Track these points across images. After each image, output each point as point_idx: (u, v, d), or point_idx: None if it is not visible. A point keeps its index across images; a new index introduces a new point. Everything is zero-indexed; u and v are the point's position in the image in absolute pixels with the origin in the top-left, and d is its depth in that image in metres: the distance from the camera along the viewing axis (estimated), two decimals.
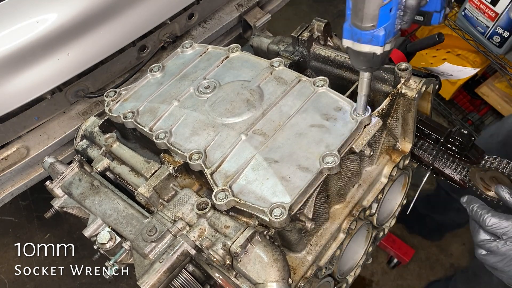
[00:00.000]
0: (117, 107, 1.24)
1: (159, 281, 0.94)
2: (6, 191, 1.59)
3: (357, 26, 0.86)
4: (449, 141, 1.25)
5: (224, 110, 1.14)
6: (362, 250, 1.40)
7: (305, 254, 1.13)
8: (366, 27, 0.84)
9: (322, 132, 1.05)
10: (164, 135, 1.11)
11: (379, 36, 0.84)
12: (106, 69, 1.66)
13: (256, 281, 0.92)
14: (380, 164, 1.24)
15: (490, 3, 2.10)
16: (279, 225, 0.92)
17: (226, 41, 2.01)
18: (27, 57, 1.41)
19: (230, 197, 0.97)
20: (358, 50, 0.88)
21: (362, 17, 0.83)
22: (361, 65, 0.93)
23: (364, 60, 0.90)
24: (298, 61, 1.33)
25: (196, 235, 0.98)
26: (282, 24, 3.43)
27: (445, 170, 1.34)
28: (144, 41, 1.70)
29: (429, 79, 1.17)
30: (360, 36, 0.86)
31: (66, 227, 2.57)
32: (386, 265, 2.40)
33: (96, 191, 1.14)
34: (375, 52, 0.87)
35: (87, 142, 1.31)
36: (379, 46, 0.86)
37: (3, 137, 1.56)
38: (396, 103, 1.16)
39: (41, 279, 2.42)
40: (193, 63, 1.31)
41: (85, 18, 1.47)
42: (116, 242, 1.07)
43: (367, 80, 0.97)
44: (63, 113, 1.66)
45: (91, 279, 2.39)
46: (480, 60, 2.54)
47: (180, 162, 1.10)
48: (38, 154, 1.57)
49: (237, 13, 1.94)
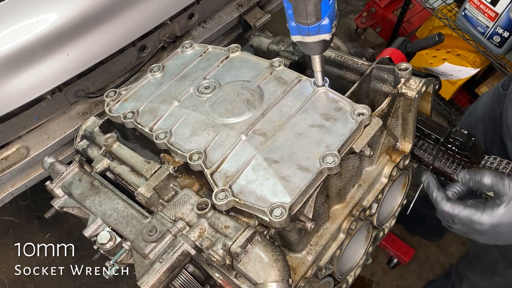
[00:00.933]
0: (117, 107, 1.24)
1: (159, 281, 0.94)
2: (6, 191, 1.59)
3: (303, 24, 0.91)
4: (449, 141, 1.25)
5: (224, 110, 1.14)
6: (362, 250, 1.40)
7: (305, 254, 1.13)
8: (312, 22, 0.90)
9: (322, 132, 1.05)
10: (164, 135, 1.11)
11: (325, 26, 0.91)
12: (106, 69, 1.66)
13: (256, 281, 0.92)
14: (380, 164, 1.24)
15: (490, 3, 2.10)
16: (279, 225, 0.92)
17: (226, 41, 2.01)
18: (27, 57, 1.41)
19: (230, 197, 0.97)
20: (308, 42, 0.95)
21: (306, 15, 0.89)
22: (313, 52, 1.00)
23: (316, 48, 0.97)
24: (298, 61, 1.33)
25: (196, 235, 0.98)
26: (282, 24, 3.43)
27: (445, 170, 1.34)
28: (144, 41, 1.70)
29: (429, 79, 1.17)
30: (308, 31, 0.92)
31: (66, 227, 2.57)
32: (386, 265, 2.40)
33: (96, 191, 1.14)
34: (324, 39, 0.94)
35: (87, 142, 1.31)
36: (327, 33, 0.92)
37: (3, 137, 1.56)
38: (396, 103, 1.16)
39: (41, 279, 2.42)
40: (193, 63, 1.31)
41: (85, 18, 1.47)
42: (116, 242, 1.07)
43: (320, 60, 1.04)
44: (63, 113, 1.66)
45: (91, 279, 2.39)
46: (480, 60, 2.54)
47: (180, 162, 1.10)
48: (38, 154, 1.57)
49: (237, 13, 1.94)
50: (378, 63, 1.21)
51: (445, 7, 2.49)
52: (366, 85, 1.22)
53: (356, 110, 1.06)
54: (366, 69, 1.22)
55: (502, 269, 1.53)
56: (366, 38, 3.39)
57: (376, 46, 3.28)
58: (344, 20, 3.57)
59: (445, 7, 2.49)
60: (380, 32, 3.15)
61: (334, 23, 0.92)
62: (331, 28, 0.91)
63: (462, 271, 1.81)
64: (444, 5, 2.50)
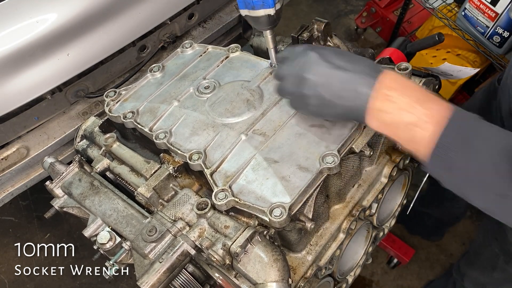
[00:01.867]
0: (117, 107, 1.24)
1: (159, 281, 0.94)
2: (6, 191, 1.59)
3: None
4: None
5: (224, 110, 1.14)
6: (362, 250, 1.40)
7: (305, 254, 1.13)
8: None
9: (322, 132, 1.05)
10: (164, 135, 1.11)
11: (267, 0, 1.00)
12: (106, 69, 1.66)
13: (256, 281, 0.92)
14: (380, 164, 1.24)
15: (490, 3, 2.10)
16: (279, 225, 0.92)
17: (226, 41, 2.01)
18: (27, 57, 1.41)
19: (230, 197, 0.97)
20: (255, 15, 1.04)
21: None
22: (261, 27, 1.08)
23: (263, 22, 1.06)
24: None
25: (196, 235, 0.98)
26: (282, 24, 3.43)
27: None
28: (144, 41, 1.70)
29: (429, 79, 1.17)
30: (253, 4, 1.02)
31: (66, 227, 2.57)
32: (386, 265, 2.40)
33: (96, 191, 1.14)
34: (269, 13, 1.03)
35: (87, 142, 1.31)
36: (271, 8, 1.02)
37: (3, 137, 1.56)
38: None
39: (41, 279, 2.42)
40: (193, 63, 1.31)
41: (85, 18, 1.47)
42: (116, 242, 1.07)
43: (271, 36, 1.12)
44: (63, 113, 1.66)
45: (91, 279, 2.39)
46: (480, 60, 2.54)
47: (180, 162, 1.10)
48: (38, 154, 1.57)
49: (237, 13, 1.94)
50: (378, 63, 1.21)
51: (445, 7, 2.49)
52: None
53: None
54: None
55: (502, 264, 1.54)
56: (366, 38, 3.39)
57: (376, 46, 3.28)
58: (344, 20, 3.57)
59: (445, 7, 2.49)
60: (380, 32, 3.15)
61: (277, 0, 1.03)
62: (274, 4, 1.01)
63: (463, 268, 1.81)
64: (444, 5, 2.50)
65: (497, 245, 1.52)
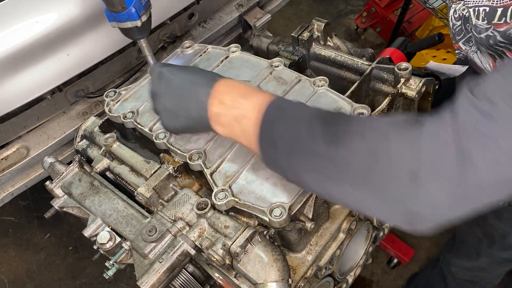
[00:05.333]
0: (117, 107, 1.24)
1: (159, 281, 0.94)
2: (6, 191, 1.59)
3: (112, 11, 1.08)
4: None
5: None
6: (362, 250, 1.40)
7: (305, 254, 1.13)
8: (119, 10, 1.07)
9: None
10: (164, 135, 1.11)
11: (132, 14, 1.08)
12: (106, 69, 1.66)
13: (256, 281, 0.92)
14: None
15: None
16: (279, 225, 0.92)
17: (226, 41, 2.01)
18: (27, 57, 1.41)
19: (230, 197, 0.97)
20: (123, 27, 1.11)
21: (112, 4, 1.07)
22: (133, 37, 1.16)
23: (133, 32, 1.13)
24: (298, 61, 1.33)
25: (196, 235, 0.98)
26: (282, 24, 3.44)
27: None
28: None
29: (429, 79, 1.17)
30: (119, 18, 1.09)
31: (66, 227, 2.57)
32: (386, 265, 2.40)
33: (96, 191, 1.14)
34: (136, 25, 1.10)
35: (87, 142, 1.31)
36: (137, 20, 1.09)
37: (3, 137, 1.55)
38: (396, 103, 1.16)
39: (41, 279, 2.42)
40: (193, 63, 1.31)
41: (85, 18, 1.47)
42: (116, 242, 1.07)
43: (145, 45, 1.20)
44: (63, 113, 1.66)
45: (91, 279, 2.39)
46: None
47: (180, 162, 1.10)
48: (38, 154, 1.57)
49: (237, 13, 1.94)
50: (378, 63, 1.21)
51: (445, 7, 2.49)
52: (366, 85, 1.22)
53: (356, 110, 1.06)
54: (366, 69, 1.22)
55: (486, 248, 1.57)
56: (366, 38, 3.39)
57: (376, 46, 3.28)
58: (344, 20, 3.57)
59: (445, 7, 2.49)
60: (380, 32, 3.15)
61: (143, 12, 1.10)
62: (139, 16, 1.09)
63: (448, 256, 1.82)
64: (444, 5, 2.50)
65: (480, 230, 1.54)
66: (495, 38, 1.03)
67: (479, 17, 1.05)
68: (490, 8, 1.00)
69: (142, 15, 1.09)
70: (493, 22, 1.01)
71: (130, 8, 1.06)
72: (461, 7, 1.12)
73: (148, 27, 1.15)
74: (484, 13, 1.02)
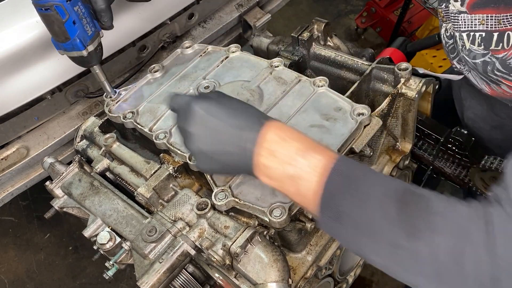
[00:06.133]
0: (116, 107, 1.24)
1: (159, 281, 0.94)
2: (6, 191, 1.59)
3: (57, 41, 1.07)
4: (449, 141, 1.25)
5: None
6: None
7: (305, 254, 1.13)
8: (63, 40, 1.05)
9: (322, 132, 1.05)
10: (164, 135, 1.11)
11: (77, 44, 1.06)
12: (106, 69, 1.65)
13: (256, 282, 0.92)
14: (380, 164, 1.24)
15: None
16: (279, 226, 0.92)
17: (226, 41, 2.01)
18: (27, 57, 1.41)
19: (229, 197, 0.97)
20: (70, 56, 1.10)
21: (56, 34, 1.05)
22: (83, 65, 1.14)
23: (81, 61, 1.12)
24: (298, 61, 1.33)
25: (196, 236, 0.98)
26: (282, 24, 3.43)
27: (445, 170, 1.34)
28: (144, 41, 1.70)
29: (429, 79, 1.17)
30: (64, 47, 1.08)
31: (66, 227, 2.57)
32: None
33: (96, 192, 1.14)
34: (81, 55, 1.09)
35: (87, 142, 1.31)
36: (82, 51, 1.08)
37: (3, 137, 1.55)
38: (396, 103, 1.16)
39: (41, 279, 2.42)
40: (193, 63, 1.31)
41: None
42: (116, 242, 1.07)
43: (98, 71, 1.18)
44: (63, 113, 1.65)
45: (91, 279, 2.39)
46: None
47: (180, 162, 1.10)
48: (38, 154, 1.57)
49: (237, 13, 1.94)
50: (378, 63, 1.21)
51: None
52: (366, 85, 1.22)
53: (356, 110, 1.06)
54: (366, 69, 1.22)
55: None
56: (366, 38, 3.39)
57: (376, 46, 3.27)
58: (344, 20, 3.57)
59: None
60: (380, 32, 3.15)
61: (88, 42, 1.08)
62: (84, 47, 1.07)
63: None
64: None
65: None
66: (494, 65, 0.97)
67: (474, 42, 0.99)
68: (486, 33, 0.96)
69: (89, 45, 1.08)
70: (490, 48, 0.96)
71: (73, 39, 1.05)
72: (451, 26, 1.07)
73: (99, 55, 1.14)
74: (480, 38, 0.97)
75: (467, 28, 1.00)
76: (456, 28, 1.03)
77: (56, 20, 1.01)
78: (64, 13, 1.00)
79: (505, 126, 1.17)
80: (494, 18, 0.94)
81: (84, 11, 1.05)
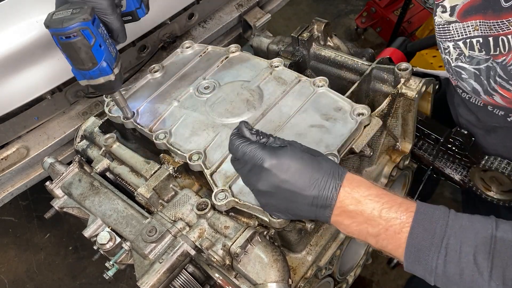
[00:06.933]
0: (117, 107, 1.24)
1: (159, 282, 0.94)
2: (6, 191, 1.59)
3: (82, 69, 0.97)
4: (449, 141, 1.25)
5: (224, 111, 1.14)
6: (362, 250, 1.40)
7: (305, 255, 1.13)
8: (89, 67, 0.96)
9: (322, 132, 1.05)
10: (164, 135, 1.11)
11: (104, 68, 0.97)
12: None
13: (256, 282, 0.92)
14: (380, 164, 1.24)
15: None
16: (278, 226, 0.92)
17: (226, 41, 2.01)
18: (27, 57, 1.41)
19: (230, 197, 0.97)
20: (96, 83, 1.00)
21: (82, 62, 0.95)
22: (107, 92, 1.07)
23: (106, 88, 1.03)
24: (298, 61, 1.33)
25: (196, 236, 0.98)
26: (282, 24, 3.43)
27: (445, 170, 1.34)
28: (144, 41, 1.70)
29: (429, 79, 1.17)
30: (91, 75, 0.98)
31: (66, 227, 2.57)
32: (386, 265, 2.39)
33: (96, 192, 1.14)
34: (109, 79, 1.00)
35: (87, 142, 1.31)
36: (109, 74, 0.99)
37: (3, 137, 1.55)
38: (396, 103, 1.16)
39: (41, 279, 2.42)
40: (192, 63, 1.31)
41: None
42: (116, 242, 1.07)
43: (119, 97, 1.11)
44: (63, 113, 1.65)
45: (91, 279, 2.39)
46: None
47: (180, 163, 1.10)
48: (38, 154, 1.57)
49: (237, 13, 1.94)
50: (378, 63, 1.21)
51: None
52: (366, 85, 1.22)
53: (356, 110, 1.06)
54: (366, 69, 1.22)
55: None
56: (366, 38, 3.39)
57: (376, 46, 3.27)
58: (344, 20, 3.57)
59: None
60: (380, 32, 3.15)
61: (114, 64, 1.00)
62: (111, 70, 0.99)
63: None
64: None
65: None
66: (496, 70, 0.97)
67: (474, 48, 0.99)
68: (482, 38, 0.96)
69: (114, 68, 1.00)
70: (491, 53, 0.96)
71: (101, 63, 0.96)
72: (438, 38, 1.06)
73: (121, 78, 1.05)
74: (479, 44, 0.97)
75: (462, 36, 1.00)
76: (448, 38, 1.03)
77: (83, 45, 0.92)
78: (91, 36, 0.92)
79: (498, 129, 1.17)
80: (484, 24, 0.94)
81: (106, 32, 0.98)
